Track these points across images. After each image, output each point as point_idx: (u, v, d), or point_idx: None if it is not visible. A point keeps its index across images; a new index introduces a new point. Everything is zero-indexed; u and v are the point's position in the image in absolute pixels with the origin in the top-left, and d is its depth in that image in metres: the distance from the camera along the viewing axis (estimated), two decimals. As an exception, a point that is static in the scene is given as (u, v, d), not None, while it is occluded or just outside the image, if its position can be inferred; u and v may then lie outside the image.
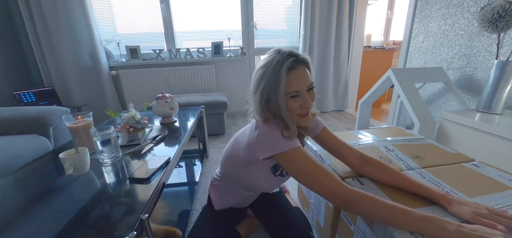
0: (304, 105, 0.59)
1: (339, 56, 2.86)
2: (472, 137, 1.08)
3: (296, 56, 0.58)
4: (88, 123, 0.88)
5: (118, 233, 0.48)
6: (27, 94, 2.08)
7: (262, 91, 0.59)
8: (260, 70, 0.60)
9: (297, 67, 0.58)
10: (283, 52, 0.58)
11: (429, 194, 0.56)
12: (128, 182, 0.67)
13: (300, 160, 0.57)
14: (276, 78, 0.56)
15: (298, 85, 0.58)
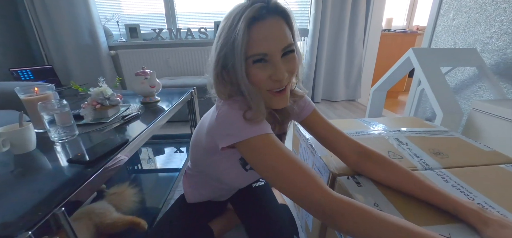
0: (275, 76, 0.42)
1: (353, 39, 2.59)
2: (509, 131, 0.86)
3: (265, 1, 0.40)
4: (46, 95, 0.77)
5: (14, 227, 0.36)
6: (25, 72, 2.05)
7: (218, 52, 0.43)
8: (222, 21, 0.44)
9: (267, 19, 0.40)
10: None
11: (453, 206, 0.39)
12: (66, 165, 0.55)
13: (267, 151, 0.41)
14: (235, 29, 0.39)
15: (265, 46, 0.40)
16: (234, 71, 0.42)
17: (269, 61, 0.41)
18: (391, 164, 0.48)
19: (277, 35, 0.41)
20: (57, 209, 0.40)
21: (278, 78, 0.42)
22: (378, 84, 1.54)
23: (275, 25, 0.41)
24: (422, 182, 0.43)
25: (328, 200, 0.35)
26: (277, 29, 0.41)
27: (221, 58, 0.43)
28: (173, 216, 0.73)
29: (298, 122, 0.60)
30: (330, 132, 0.56)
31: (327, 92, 2.85)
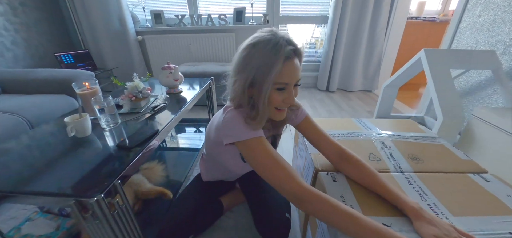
0: (287, 100, 0.56)
1: (375, 27, 2.51)
2: (506, 145, 0.89)
3: (295, 46, 0.54)
4: (94, 90, 0.96)
5: (90, 193, 0.55)
6: (67, 56, 2.35)
7: (249, 71, 0.53)
8: (251, 48, 0.54)
9: (294, 59, 0.54)
10: (281, 36, 0.53)
11: (399, 203, 0.50)
12: (116, 148, 0.74)
13: (258, 150, 0.55)
14: (271, 62, 0.51)
15: (289, 78, 0.54)
16: (259, 90, 0.53)
17: (286, 89, 0.55)
18: (362, 166, 0.59)
19: (296, 72, 0.55)
20: (115, 180, 0.59)
21: (290, 103, 0.57)
22: (390, 81, 1.56)
23: (296, 65, 0.55)
24: (382, 183, 0.55)
25: (300, 190, 0.49)
26: (296, 68, 0.55)
27: (251, 77, 0.54)
28: (192, 191, 0.92)
29: (293, 126, 0.72)
30: (318, 136, 0.68)
31: (343, 82, 2.84)
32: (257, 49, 0.53)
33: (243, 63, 0.55)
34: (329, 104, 2.35)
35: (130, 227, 0.64)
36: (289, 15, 2.75)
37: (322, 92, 2.78)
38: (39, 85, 1.47)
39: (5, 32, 2.08)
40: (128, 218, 0.63)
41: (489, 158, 0.95)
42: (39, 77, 1.50)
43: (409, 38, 2.61)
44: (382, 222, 0.49)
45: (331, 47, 2.62)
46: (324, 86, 2.83)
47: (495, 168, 0.91)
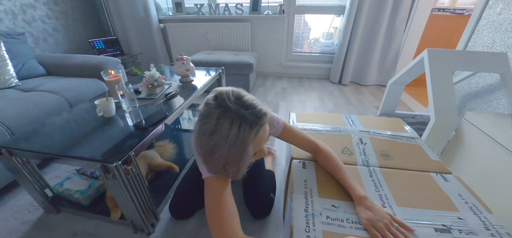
0: (260, 156, 0.60)
1: (395, 19, 2.41)
2: (492, 152, 0.91)
3: (257, 125, 0.49)
4: (118, 77, 1.14)
5: (111, 160, 0.72)
6: (98, 42, 2.62)
7: (217, 161, 0.51)
8: (210, 136, 0.48)
9: (261, 129, 0.51)
10: (242, 117, 0.47)
11: (350, 191, 0.60)
12: (134, 128, 0.92)
13: (210, 191, 0.58)
14: (240, 151, 0.48)
15: (259, 147, 0.55)
16: (237, 169, 0.52)
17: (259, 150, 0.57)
18: (329, 158, 0.68)
19: (265, 137, 0.55)
20: (130, 152, 0.76)
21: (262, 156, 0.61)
22: (396, 78, 1.56)
23: (265, 132, 0.53)
24: (341, 174, 0.64)
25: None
26: (265, 134, 0.54)
27: (221, 165, 0.52)
28: (192, 169, 1.08)
29: (275, 137, 0.75)
30: (296, 139, 0.74)
31: (357, 75, 2.80)
32: (220, 136, 0.47)
33: (209, 151, 0.50)
34: (338, 97, 2.36)
35: (141, 189, 0.82)
36: (306, 5, 2.73)
37: (334, 85, 2.77)
38: (75, 70, 1.72)
39: (48, 20, 2.39)
40: (139, 182, 0.80)
41: (473, 163, 0.97)
42: (75, 62, 1.75)
43: (432, 32, 2.47)
44: (332, 204, 0.59)
45: (346, 39, 2.58)
46: (337, 78, 2.81)
47: (477, 174, 0.94)
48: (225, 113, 0.47)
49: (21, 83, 1.53)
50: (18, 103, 1.24)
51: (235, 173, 0.53)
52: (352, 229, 0.53)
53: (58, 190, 1.01)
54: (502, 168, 0.85)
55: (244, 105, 0.48)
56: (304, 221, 0.55)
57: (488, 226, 0.53)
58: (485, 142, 0.93)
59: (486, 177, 0.91)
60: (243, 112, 0.47)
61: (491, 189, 0.88)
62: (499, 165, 0.87)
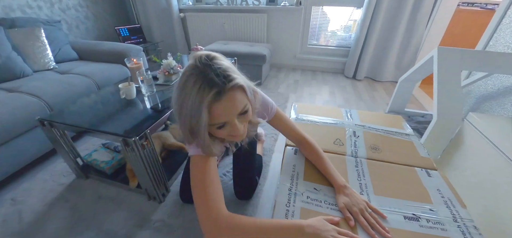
0: (233, 133, 0.54)
1: (416, 15, 2.31)
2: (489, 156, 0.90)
3: (218, 86, 0.46)
4: (139, 65, 1.28)
5: (130, 135, 0.85)
6: (124, 30, 2.82)
7: (184, 117, 0.50)
8: (179, 92, 0.50)
9: (222, 98, 0.48)
10: (204, 76, 0.46)
11: (332, 180, 0.66)
12: (151, 111, 1.05)
13: (195, 169, 0.58)
14: (197, 112, 0.47)
15: (223, 118, 0.50)
16: (198, 136, 0.51)
17: (228, 123, 0.52)
18: (313, 150, 0.73)
19: (232, 107, 0.50)
20: (146, 130, 0.88)
21: (235, 134, 0.54)
22: (406, 75, 1.54)
23: (231, 100, 0.49)
24: (324, 163, 0.69)
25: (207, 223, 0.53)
26: (232, 102, 0.49)
27: (188, 123, 0.50)
28: None
29: (267, 122, 0.77)
30: (285, 128, 0.78)
31: (372, 70, 2.73)
32: (184, 96, 0.48)
33: (178, 107, 0.51)
34: (350, 92, 2.35)
35: (155, 163, 0.95)
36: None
37: (347, 79, 2.74)
38: (103, 55, 1.91)
39: (80, 8, 2.61)
40: (153, 156, 0.93)
41: (471, 166, 0.98)
42: (103, 49, 1.93)
43: (457, 29, 2.33)
44: (314, 187, 0.67)
45: (363, 33, 2.52)
46: (351, 73, 2.77)
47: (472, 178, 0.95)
48: (193, 71, 0.47)
49: (57, 66, 1.74)
50: (56, 84, 1.43)
51: (202, 143, 0.52)
52: (328, 210, 0.60)
53: (87, 160, 1.19)
54: (498, 174, 0.86)
55: (211, 67, 0.47)
56: (287, 198, 0.63)
57: (456, 219, 0.58)
58: (484, 146, 0.93)
59: (481, 181, 0.92)
60: (208, 73, 0.46)
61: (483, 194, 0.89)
62: (495, 170, 0.87)
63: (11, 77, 1.47)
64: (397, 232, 0.55)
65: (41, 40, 1.69)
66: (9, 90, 1.34)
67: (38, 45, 1.67)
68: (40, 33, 1.70)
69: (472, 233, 0.54)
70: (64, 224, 0.99)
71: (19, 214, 1.04)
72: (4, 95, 1.27)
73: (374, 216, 0.58)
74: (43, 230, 0.97)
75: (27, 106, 1.21)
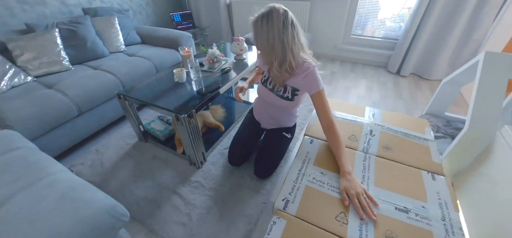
0: None
1: (483, 7, 2.02)
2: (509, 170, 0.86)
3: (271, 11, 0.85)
4: (190, 53, 1.51)
5: (181, 112, 1.09)
6: (177, 15, 3.16)
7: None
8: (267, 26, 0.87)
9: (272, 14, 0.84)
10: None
11: (340, 166, 0.79)
12: (197, 93, 1.28)
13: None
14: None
15: None
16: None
17: None
18: (335, 136, 0.84)
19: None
20: (192, 110, 1.11)
21: None
22: (451, 77, 1.44)
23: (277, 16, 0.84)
24: (339, 150, 0.81)
25: None
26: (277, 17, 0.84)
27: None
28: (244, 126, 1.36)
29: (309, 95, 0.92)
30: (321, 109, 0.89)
31: (420, 66, 2.51)
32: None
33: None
34: (390, 89, 2.25)
35: (197, 136, 1.19)
36: (372, -17, 2.52)
37: (390, 74, 2.59)
38: (160, 40, 2.24)
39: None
40: (197, 131, 1.17)
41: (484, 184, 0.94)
42: (160, 35, 2.26)
43: (537, 23, 1.95)
44: (320, 171, 0.80)
45: (415, 24, 2.32)
46: (396, 68, 2.60)
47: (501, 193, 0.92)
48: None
49: (127, 49, 2.14)
50: (126, 64, 1.79)
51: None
52: (329, 190, 0.73)
53: (147, 128, 1.52)
54: None
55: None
56: (295, 176, 0.78)
57: (445, 218, 0.64)
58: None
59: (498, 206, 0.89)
60: None
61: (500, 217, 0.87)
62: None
63: (95, 57, 1.90)
64: (384, 218, 0.65)
65: (115, 27, 2.09)
66: (94, 68, 1.75)
67: (113, 31, 2.07)
68: (115, 21, 2.10)
69: (455, 232, 0.61)
70: (130, 173, 1.33)
71: (101, 161, 1.43)
72: (91, 72, 1.67)
73: (368, 202, 0.69)
74: (117, 175, 1.33)
75: (108, 82, 1.58)
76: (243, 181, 1.23)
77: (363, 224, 0.64)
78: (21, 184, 0.76)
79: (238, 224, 1.02)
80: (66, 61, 1.68)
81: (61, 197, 0.71)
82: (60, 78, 1.55)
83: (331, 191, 0.73)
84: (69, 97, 1.38)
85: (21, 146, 0.95)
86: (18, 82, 1.46)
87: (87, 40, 1.83)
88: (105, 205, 0.71)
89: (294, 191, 0.74)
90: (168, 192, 1.19)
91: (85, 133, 1.52)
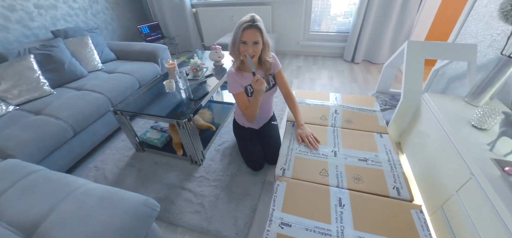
0: (247, 50, 1.06)
1: (409, 1, 2.53)
2: (433, 131, 1.23)
3: (252, 22, 1.02)
4: (175, 65, 1.66)
5: (181, 118, 1.26)
6: (144, 28, 3.18)
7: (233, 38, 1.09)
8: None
9: (248, 29, 1.02)
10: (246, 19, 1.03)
11: (296, 120, 1.14)
12: (188, 100, 1.45)
13: (237, 100, 1.24)
14: (238, 30, 1.04)
15: (246, 37, 1.03)
16: (234, 46, 1.09)
17: (247, 43, 1.05)
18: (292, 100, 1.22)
19: (251, 35, 1.03)
20: (191, 114, 1.29)
21: (248, 52, 1.06)
22: (388, 62, 1.85)
23: (252, 32, 1.02)
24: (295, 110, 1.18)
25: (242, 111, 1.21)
26: (251, 34, 1.03)
27: (232, 41, 1.08)
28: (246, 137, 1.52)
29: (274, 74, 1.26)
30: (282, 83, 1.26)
31: (369, 53, 2.99)
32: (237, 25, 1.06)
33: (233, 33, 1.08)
34: (346, 76, 2.66)
35: (196, 137, 1.37)
36: (323, -15, 2.91)
37: (346, 63, 3.03)
38: (136, 55, 2.30)
39: (106, 11, 2.97)
40: (196, 132, 1.35)
41: (422, 137, 1.33)
42: (136, 49, 2.32)
43: (446, 12, 2.54)
44: (303, 145, 1.06)
45: (360, 18, 2.76)
46: (350, 57, 3.05)
47: (418, 146, 1.30)
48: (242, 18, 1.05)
49: (104, 66, 2.16)
50: (109, 81, 1.85)
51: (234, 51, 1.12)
52: (312, 157, 1.00)
53: (143, 138, 1.63)
54: (439, 147, 1.20)
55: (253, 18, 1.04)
56: (286, 151, 1.03)
57: (390, 160, 0.96)
58: (432, 122, 1.26)
59: (421, 148, 1.27)
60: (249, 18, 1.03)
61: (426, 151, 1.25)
62: (438, 143, 1.21)
63: (74, 78, 1.90)
64: (351, 167, 0.94)
65: (89, 46, 2.10)
66: (78, 89, 1.77)
67: (88, 50, 2.08)
68: (88, 40, 2.11)
69: (396, 167, 0.93)
70: (136, 180, 1.45)
71: (103, 175, 1.51)
72: (77, 93, 1.70)
73: (313, 139, 1.05)
74: (124, 183, 1.43)
75: (97, 100, 1.64)
76: (240, 169, 1.45)
77: (338, 173, 0.92)
78: (57, 198, 0.87)
79: (244, 201, 1.24)
80: (47, 85, 1.67)
81: (100, 199, 0.85)
82: (45, 103, 1.56)
83: (313, 156, 1.00)
84: (62, 119, 1.43)
85: (34, 170, 1.03)
86: (0, 112, 1.44)
87: (64, 62, 1.83)
88: (139, 199, 0.87)
89: (287, 162, 0.99)
90: (177, 189, 1.35)
91: (81, 152, 1.56)
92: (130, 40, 3.30)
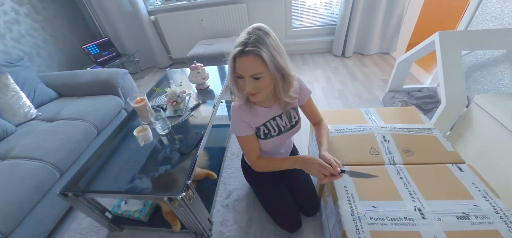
0: (244, 86, 0.71)
1: (397, -16, 2.36)
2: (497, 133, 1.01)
3: (243, 46, 0.64)
4: (145, 100, 1.18)
5: (174, 190, 0.83)
6: (92, 47, 2.53)
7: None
8: None
9: (242, 57, 0.64)
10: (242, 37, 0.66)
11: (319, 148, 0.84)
12: (177, 153, 1.00)
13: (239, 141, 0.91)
14: (229, 59, 0.69)
15: (239, 70, 0.67)
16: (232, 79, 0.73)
17: (244, 78, 0.69)
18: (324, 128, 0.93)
19: (247, 67, 0.66)
20: (188, 181, 0.86)
21: (248, 91, 0.71)
22: (404, 57, 1.61)
23: (247, 61, 0.65)
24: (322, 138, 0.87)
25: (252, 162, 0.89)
26: (247, 65, 0.65)
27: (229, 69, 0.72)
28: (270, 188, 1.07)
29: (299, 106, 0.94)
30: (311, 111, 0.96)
31: (359, 45, 2.80)
32: None
33: None
34: (344, 73, 2.41)
35: (199, 205, 0.94)
36: (302, -23, 2.60)
37: (337, 58, 2.79)
38: (86, 87, 1.70)
39: (35, 32, 2.25)
40: (198, 200, 0.92)
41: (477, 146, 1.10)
42: (83, 80, 1.72)
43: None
44: (371, 205, 0.73)
45: (348, 8, 2.52)
46: (340, 51, 2.81)
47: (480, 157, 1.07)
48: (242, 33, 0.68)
49: (40, 113, 1.55)
50: (50, 137, 1.29)
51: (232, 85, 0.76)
52: (392, 226, 0.67)
53: (117, 212, 1.14)
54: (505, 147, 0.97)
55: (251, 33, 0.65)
56: (353, 225, 0.69)
57: (497, 210, 0.68)
58: (491, 124, 1.03)
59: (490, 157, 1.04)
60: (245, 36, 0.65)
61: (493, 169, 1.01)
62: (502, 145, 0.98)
63: (-7, 140, 1.30)
64: (454, 234, 0.63)
65: (12, 88, 1.47)
66: (1, 159, 1.19)
67: (11, 94, 1.45)
68: (8, 80, 1.48)
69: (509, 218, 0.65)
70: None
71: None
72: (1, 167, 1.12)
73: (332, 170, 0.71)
74: None
75: (33, 173, 1.09)
76: (266, 230, 1.07)
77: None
78: None
79: None
80: None
81: None
82: None
83: (395, 225, 0.67)
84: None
85: None
86: None
87: (-31, 122, 1.21)
88: None
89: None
90: None
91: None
92: (77, 66, 2.60)
